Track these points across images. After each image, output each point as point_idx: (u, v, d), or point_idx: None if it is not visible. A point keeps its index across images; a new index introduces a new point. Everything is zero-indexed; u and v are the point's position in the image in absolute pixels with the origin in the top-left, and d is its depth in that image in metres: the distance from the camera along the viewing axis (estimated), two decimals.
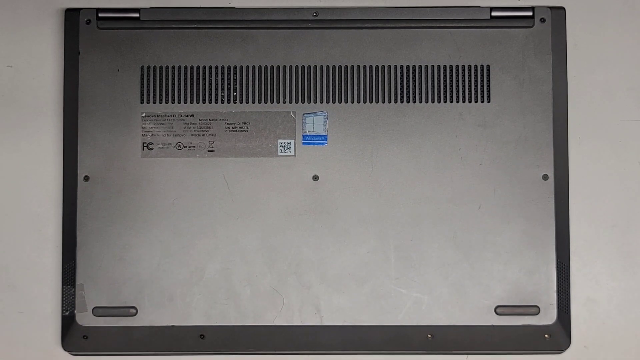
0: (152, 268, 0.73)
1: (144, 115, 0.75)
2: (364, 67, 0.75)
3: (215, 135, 0.74)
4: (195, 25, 0.75)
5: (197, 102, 0.75)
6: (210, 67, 0.75)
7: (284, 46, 0.75)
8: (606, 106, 0.76)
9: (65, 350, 0.74)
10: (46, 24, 0.77)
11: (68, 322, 0.74)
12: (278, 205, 0.74)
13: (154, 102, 0.75)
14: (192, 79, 0.75)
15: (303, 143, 0.74)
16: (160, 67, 0.75)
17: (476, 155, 0.74)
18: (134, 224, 0.74)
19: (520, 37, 0.75)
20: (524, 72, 0.75)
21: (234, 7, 0.76)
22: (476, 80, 0.75)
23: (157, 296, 0.73)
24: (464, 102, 0.75)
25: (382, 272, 0.73)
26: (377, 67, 0.75)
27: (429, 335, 0.72)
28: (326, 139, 0.74)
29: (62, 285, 0.74)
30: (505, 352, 0.73)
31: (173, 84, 0.75)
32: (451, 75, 0.75)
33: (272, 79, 0.75)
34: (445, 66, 0.75)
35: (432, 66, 0.75)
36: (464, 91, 0.75)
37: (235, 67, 0.75)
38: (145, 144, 0.75)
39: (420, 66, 0.75)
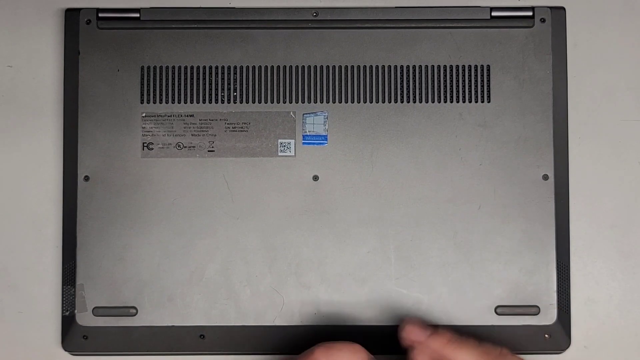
0: (152, 268, 0.73)
1: (144, 115, 0.75)
2: (364, 67, 0.75)
3: (215, 135, 0.74)
4: (195, 25, 0.75)
5: (197, 102, 0.75)
6: (210, 67, 0.75)
7: (284, 46, 0.75)
8: (606, 106, 0.76)
9: (65, 350, 0.74)
10: (46, 24, 0.77)
11: (68, 322, 0.74)
12: (278, 205, 0.74)
13: (154, 102, 0.75)
14: (192, 79, 0.75)
15: (303, 143, 0.74)
16: (160, 67, 0.75)
17: (476, 155, 0.74)
18: (134, 224, 0.74)
19: (520, 37, 0.75)
20: (524, 72, 0.75)
21: (234, 7, 0.76)
22: (476, 80, 0.75)
23: (157, 296, 0.73)
24: (464, 102, 0.75)
25: (382, 272, 0.73)
26: (377, 67, 0.75)
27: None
28: (326, 139, 0.74)
29: (62, 285, 0.74)
30: None
31: (173, 84, 0.75)
32: (451, 75, 0.75)
33: (272, 79, 0.75)
34: (445, 66, 0.75)
35: (432, 66, 0.75)
36: (464, 91, 0.75)
37: (235, 67, 0.75)
38: (145, 144, 0.75)
39: (420, 66, 0.75)
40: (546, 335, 0.73)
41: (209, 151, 0.74)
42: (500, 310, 0.73)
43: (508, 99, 0.74)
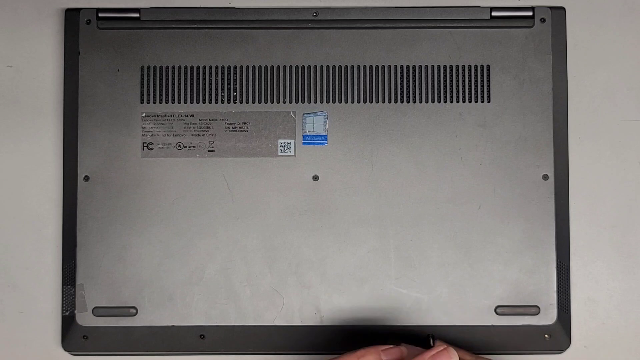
0: (152, 268, 0.73)
1: (144, 115, 0.75)
2: (364, 67, 0.75)
3: (215, 135, 0.74)
4: (195, 25, 0.75)
5: (197, 102, 0.75)
6: (210, 67, 0.75)
7: (284, 46, 0.75)
8: (606, 106, 0.76)
9: (65, 350, 0.74)
10: (46, 24, 0.77)
11: (68, 322, 0.74)
12: (278, 205, 0.74)
13: (154, 102, 0.75)
14: (192, 79, 0.75)
15: (303, 143, 0.74)
16: (160, 67, 0.75)
17: (476, 155, 0.74)
18: (134, 224, 0.74)
19: (520, 37, 0.75)
20: (524, 72, 0.75)
21: (234, 7, 0.76)
22: (476, 80, 0.75)
23: (157, 296, 0.73)
24: (464, 102, 0.75)
25: (382, 272, 0.73)
26: (377, 67, 0.75)
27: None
28: (326, 139, 0.74)
29: (62, 285, 0.74)
30: (505, 352, 0.73)
31: (173, 84, 0.75)
32: (451, 75, 0.75)
33: (272, 79, 0.75)
34: (445, 66, 0.75)
35: (432, 66, 0.75)
36: (464, 91, 0.75)
37: (235, 67, 0.75)
38: (145, 144, 0.75)
39: (420, 66, 0.75)
40: (546, 335, 0.73)
41: (209, 151, 0.74)
42: (500, 310, 0.73)
43: (508, 99, 0.74)
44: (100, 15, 0.75)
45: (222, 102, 0.75)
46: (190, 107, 0.75)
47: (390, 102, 0.75)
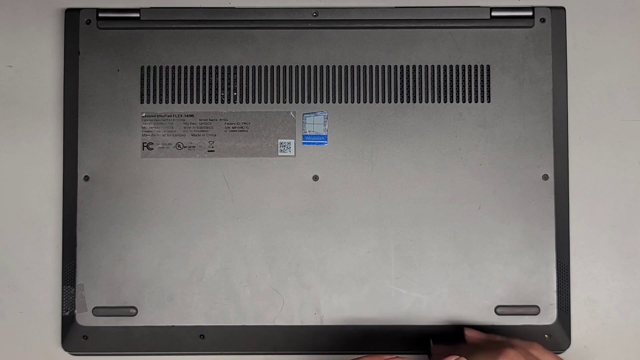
0: (152, 268, 0.73)
1: (144, 115, 0.75)
2: (364, 67, 0.75)
3: (215, 135, 0.74)
4: (195, 25, 0.75)
5: (197, 102, 0.75)
6: (210, 67, 0.75)
7: (284, 46, 0.75)
8: (606, 106, 0.76)
9: (65, 350, 0.74)
10: (46, 24, 0.77)
11: (68, 322, 0.74)
12: (278, 205, 0.74)
13: (154, 102, 0.75)
14: (192, 79, 0.75)
15: (303, 143, 0.74)
16: (160, 67, 0.75)
17: (476, 155, 0.74)
18: (134, 224, 0.74)
19: (520, 37, 0.75)
20: (524, 72, 0.75)
21: (234, 7, 0.76)
22: (476, 80, 0.75)
23: (157, 296, 0.73)
24: (464, 102, 0.75)
25: (382, 272, 0.73)
26: (377, 67, 0.75)
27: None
28: (326, 139, 0.74)
29: (62, 285, 0.74)
30: None
31: (173, 84, 0.75)
32: (451, 75, 0.75)
33: (272, 79, 0.75)
34: (445, 66, 0.75)
35: (432, 66, 0.75)
36: (464, 91, 0.75)
37: (235, 67, 0.75)
38: (145, 144, 0.75)
39: (420, 66, 0.75)
40: (546, 335, 0.73)
41: (209, 151, 0.74)
42: (500, 310, 0.73)
43: (508, 99, 0.74)
44: (100, 15, 0.75)
45: (222, 102, 0.75)
46: (190, 107, 0.75)
47: (390, 102, 0.75)
